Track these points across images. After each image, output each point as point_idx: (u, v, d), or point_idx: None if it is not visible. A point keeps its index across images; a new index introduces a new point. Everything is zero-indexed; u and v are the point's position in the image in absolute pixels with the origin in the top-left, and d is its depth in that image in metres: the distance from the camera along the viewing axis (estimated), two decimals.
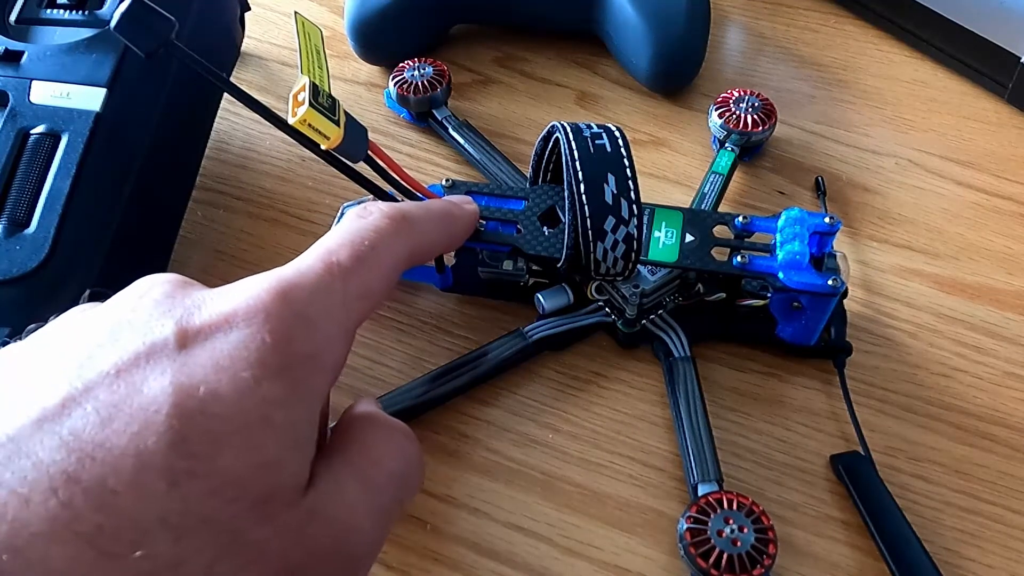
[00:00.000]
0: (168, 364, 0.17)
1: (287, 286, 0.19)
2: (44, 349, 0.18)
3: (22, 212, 0.28)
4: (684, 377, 0.29)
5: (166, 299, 0.19)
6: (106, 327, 0.18)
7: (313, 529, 0.18)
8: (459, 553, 0.27)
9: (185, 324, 0.18)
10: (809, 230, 0.28)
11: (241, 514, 0.16)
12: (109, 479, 0.15)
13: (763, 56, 0.43)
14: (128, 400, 0.16)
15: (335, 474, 0.19)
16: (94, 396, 0.16)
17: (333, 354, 0.20)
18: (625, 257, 0.27)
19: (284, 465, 0.17)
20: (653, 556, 0.27)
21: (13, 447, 0.15)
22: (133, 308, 0.19)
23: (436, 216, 0.26)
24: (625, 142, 0.28)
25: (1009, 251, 0.34)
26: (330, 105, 0.24)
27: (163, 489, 0.16)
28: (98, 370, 0.17)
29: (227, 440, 0.17)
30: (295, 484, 0.18)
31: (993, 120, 0.40)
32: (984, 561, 0.26)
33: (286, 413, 0.18)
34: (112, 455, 0.16)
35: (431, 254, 0.26)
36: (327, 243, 0.21)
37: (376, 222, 0.23)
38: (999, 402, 0.30)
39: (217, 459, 0.16)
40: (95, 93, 0.30)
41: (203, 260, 0.35)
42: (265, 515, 0.17)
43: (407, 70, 0.39)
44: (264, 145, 0.39)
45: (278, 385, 0.18)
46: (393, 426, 0.22)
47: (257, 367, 0.17)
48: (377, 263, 0.22)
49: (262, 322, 0.18)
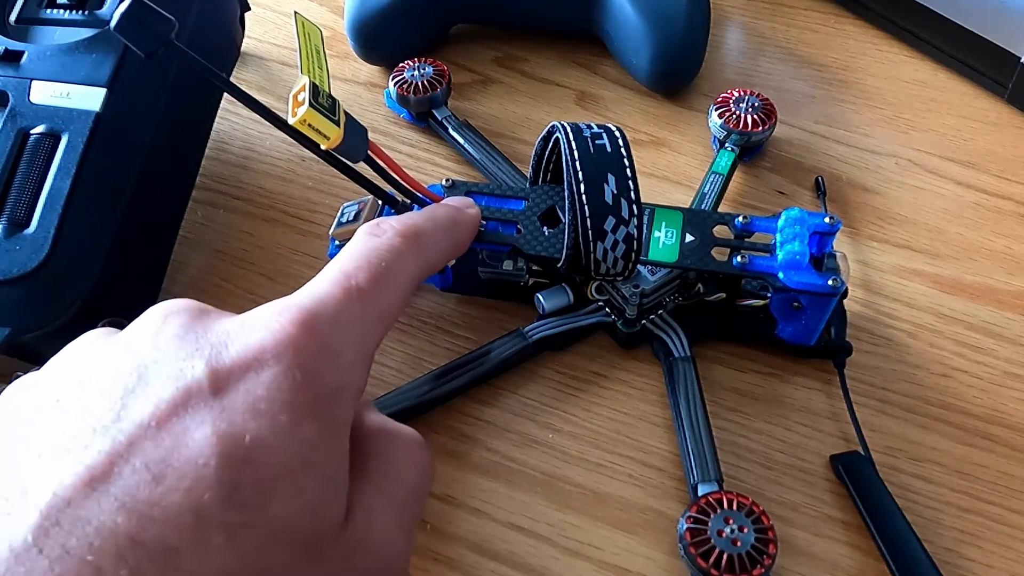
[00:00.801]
0: (207, 412, 0.17)
1: (309, 316, 0.19)
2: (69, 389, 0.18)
3: (22, 212, 0.28)
4: (684, 377, 0.29)
5: (188, 333, 0.19)
6: (131, 368, 0.18)
7: (357, 560, 0.18)
8: (459, 553, 0.27)
9: (216, 365, 0.18)
10: (809, 230, 0.28)
11: (294, 558, 0.17)
12: (171, 538, 0.15)
13: (763, 56, 0.43)
14: (175, 454, 0.16)
15: (366, 500, 0.19)
16: (141, 451, 0.16)
17: (356, 382, 0.20)
18: (625, 257, 0.27)
19: (327, 504, 0.18)
20: (653, 556, 0.27)
21: (72, 513, 0.15)
22: (156, 345, 0.18)
23: (444, 226, 0.26)
24: (625, 142, 0.28)
25: (1009, 251, 0.34)
26: (330, 105, 0.24)
27: (222, 542, 0.16)
28: (137, 421, 0.17)
29: (274, 487, 0.17)
30: (336, 520, 0.18)
31: (993, 120, 0.39)
32: (984, 561, 0.26)
33: (323, 452, 0.18)
34: (170, 514, 0.15)
35: (440, 266, 0.26)
36: (343, 265, 0.21)
37: (390, 241, 0.22)
38: (999, 402, 0.30)
39: (267, 508, 0.16)
40: (95, 93, 0.30)
41: (203, 260, 0.35)
42: (315, 555, 0.17)
43: (407, 70, 0.39)
44: (264, 145, 0.39)
45: (313, 424, 0.18)
46: (408, 437, 0.22)
47: (293, 408, 0.17)
48: (394, 283, 0.22)
49: (291, 358, 0.18)
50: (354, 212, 0.32)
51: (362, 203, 0.32)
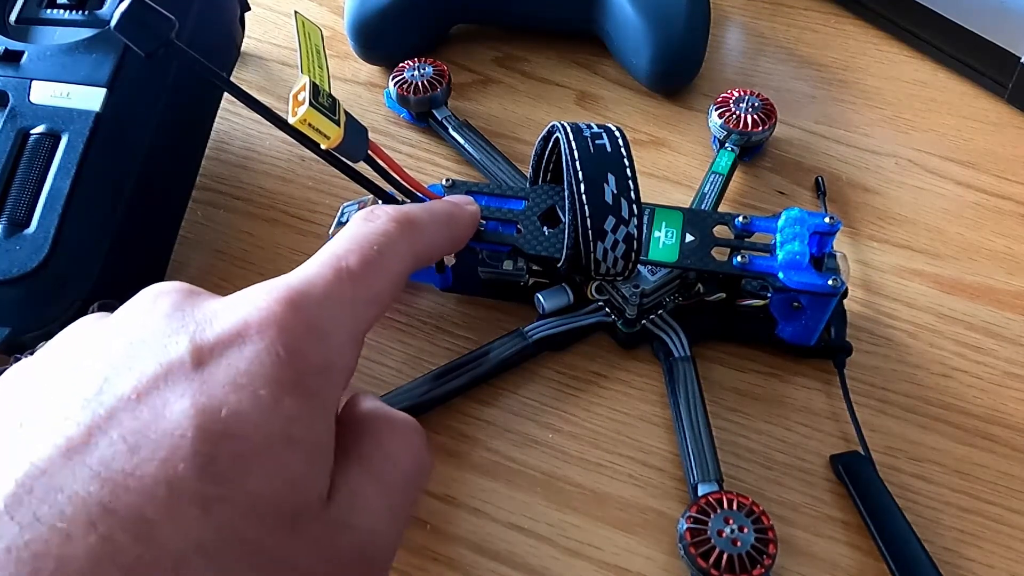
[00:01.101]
0: (187, 385, 0.17)
1: (296, 295, 0.19)
2: (59, 369, 0.18)
3: (22, 212, 0.28)
4: (684, 377, 0.29)
5: (176, 312, 0.19)
6: (119, 346, 0.18)
7: (338, 539, 0.18)
8: (459, 553, 0.27)
9: (199, 340, 0.18)
10: (809, 230, 0.28)
11: (272, 533, 0.17)
12: (145, 508, 0.15)
13: (763, 56, 0.43)
14: (152, 425, 0.16)
15: (352, 480, 0.19)
16: (118, 422, 0.16)
17: (344, 362, 0.20)
18: (625, 257, 0.27)
19: (308, 480, 0.18)
20: (653, 556, 0.27)
21: (47, 481, 0.15)
22: (144, 324, 0.19)
23: (440, 218, 0.26)
24: (625, 142, 0.28)
25: (1009, 251, 0.34)
26: (330, 105, 0.24)
27: (196, 514, 0.16)
28: (118, 394, 0.17)
29: (253, 461, 0.17)
30: (319, 496, 0.18)
31: (993, 120, 0.39)
32: (984, 561, 0.26)
33: (306, 428, 0.18)
34: (144, 484, 0.15)
35: (435, 257, 0.26)
36: (335, 248, 0.21)
37: (383, 226, 0.23)
38: (999, 402, 0.30)
39: (245, 481, 0.16)
40: (95, 93, 0.30)
41: (203, 260, 0.35)
42: (294, 531, 0.17)
43: (407, 70, 0.39)
44: (264, 145, 0.39)
45: (296, 400, 0.18)
46: (403, 422, 0.22)
47: (274, 383, 0.17)
48: (386, 268, 0.22)
49: (275, 335, 0.18)
50: (354, 212, 0.32)
51: (362, 203, 0.32)
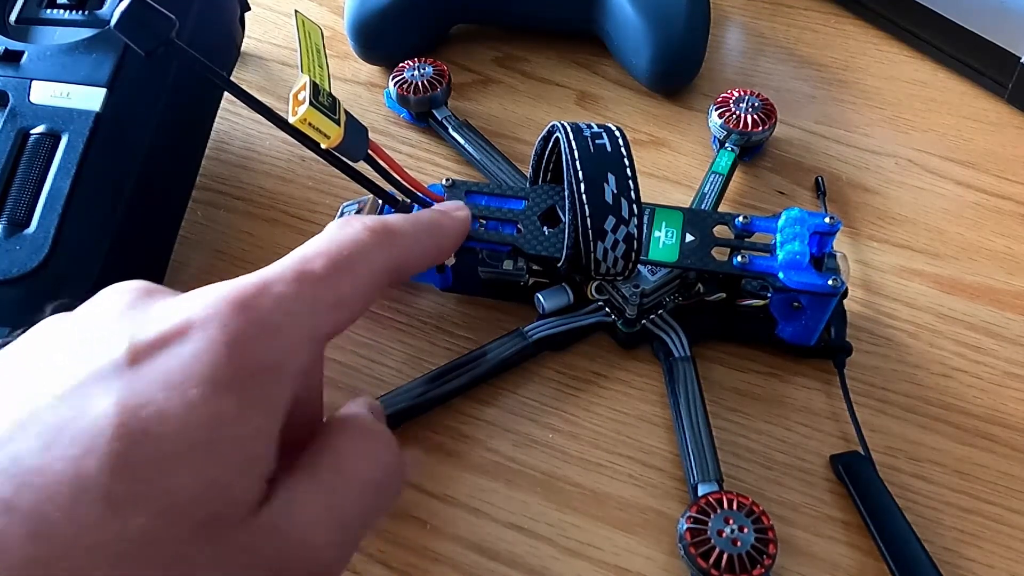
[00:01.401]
0: (116, 383, 0.16)
1: (248, 293, 0.18)
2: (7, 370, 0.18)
3: (22, 212, 0.28)
4: (684, 377, 0.29)
5: (128, 311, 0.18)
6: (67, 345, 0.18)
7: (264, 547, 0.17)
8: (459, 553, 0.27)
9: (138, 339, 0.17)
10: (809, 230, 0.28)
11: (184, 538, 0.16)
12: (45, 506, 0.15)
13: (763, 56, 0.43)
14: (71, 423, 0.16)
15: (293, 487, 0.18)
16: (38, 420, 0.16)
17: (297, 363, 0.19)
18: (625, 257, 0.27)
19: (232, 484, 0.17)
20: (653, 556, 0.27)
21: None
22: (93, 325, 0.18)
23: (423, 228, 0.25)
24: (625, 142, 0.28)
25: (1009, 251, 0.34)
26: (330, 104, 0.24)
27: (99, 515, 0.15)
28: (46, 392, 0.16)
29: (171, 462, 0.16)
30: (245, 502, 0.17)
31: (993, 120, 0.40)
32: (984, 561, 0.26)
33: (237, 429, 0.17)
34: (48, 481, 0.15)
35: (418, 267, 0.25)
36: (304, 251, 0.21)
37: (356, 233, 0.22)
38: (999, 402, 0.30)
39: (159, 482, 0.16)
40: (95, 93, 0.30)
41: (203, 260, 0.35)
42: (210, 537, 0.16)
43: (407, 70, 0.39)
44: (264, 145, 0.39)
45: (230, 400, 0.17)
46: (370, 431, 0.21)
47: (208, 382, 0.17)
48: (355, 273, 0.21)
49: (216, 333, 0.17)
50: (354, 211, 0.32)
51: (362, 202, 0.32)
